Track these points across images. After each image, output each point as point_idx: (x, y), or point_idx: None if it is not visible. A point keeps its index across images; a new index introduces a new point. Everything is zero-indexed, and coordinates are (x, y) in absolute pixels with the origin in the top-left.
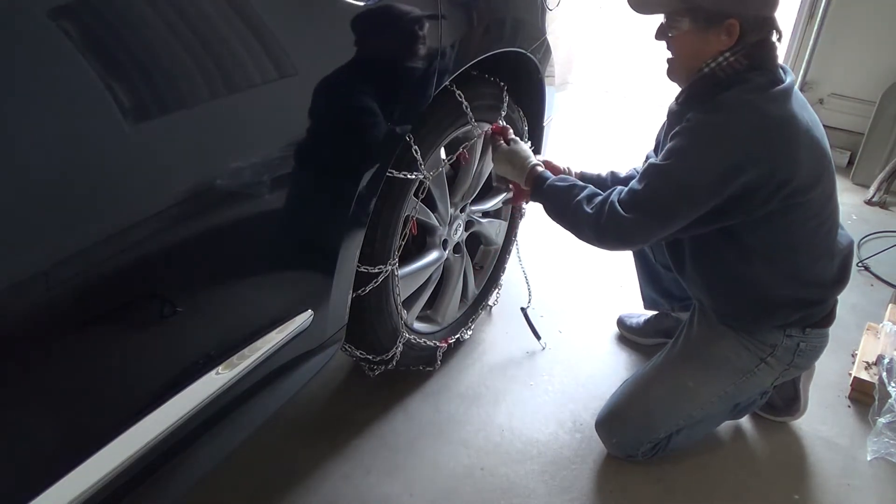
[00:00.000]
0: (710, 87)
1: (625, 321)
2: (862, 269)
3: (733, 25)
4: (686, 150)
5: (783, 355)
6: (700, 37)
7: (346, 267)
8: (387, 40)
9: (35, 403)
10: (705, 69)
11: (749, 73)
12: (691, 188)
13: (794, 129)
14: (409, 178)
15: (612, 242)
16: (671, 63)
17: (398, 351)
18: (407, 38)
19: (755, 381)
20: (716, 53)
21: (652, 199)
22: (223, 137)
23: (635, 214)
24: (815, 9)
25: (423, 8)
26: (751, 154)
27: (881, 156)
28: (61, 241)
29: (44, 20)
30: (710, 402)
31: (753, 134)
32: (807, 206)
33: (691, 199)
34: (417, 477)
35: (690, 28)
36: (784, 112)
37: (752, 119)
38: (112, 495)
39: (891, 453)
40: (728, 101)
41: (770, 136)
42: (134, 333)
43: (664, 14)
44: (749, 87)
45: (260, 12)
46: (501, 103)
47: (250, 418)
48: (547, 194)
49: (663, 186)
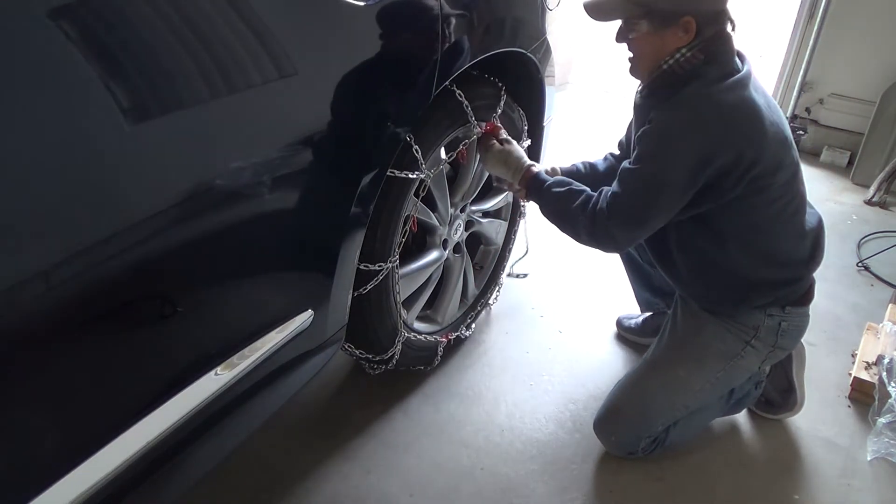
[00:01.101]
0: (670, 83)
1: (623, 322)
2: (862, 269)
3: (689, 23)
4: (654, 150)
5: (766, 336)
6: (658, 36)
7: (346, 266)
8: (387, 40)
9: (35, 403)
10: (664, 66)
11: (706, 67)
12: (665, 186)
13: (753, 113)
14: (409, 177)
15: (605, 246)
16: (633, 62)
17: (398, 350)
18: (407, 39)
19: (743, 364)
20: (673, 50)
21: (630, 203)
22: (224, 137)
23: (617, 219)
24: (815, 9)
25: (423, 8)
26: (715, 143)
27: (881, 156)
28: (61, 240)
29: (44, 20)
30: (703, 390)
31: (715, 124)
32: (773, 189)
33: (667, 196)
34: (417, 477)
35: (648, 30)
36: (741, 99)
37: (711, 110)
38: (112, 495)
39: (891, 453)
40: (686, 97)
41: (731, 123)
42: (134, 333)
43: (622, 19)
44: (706, 80)
45: (261, 13)
46: (500, 103)
47: (250, 418)
48: (545, 198)
49: (639, 189)
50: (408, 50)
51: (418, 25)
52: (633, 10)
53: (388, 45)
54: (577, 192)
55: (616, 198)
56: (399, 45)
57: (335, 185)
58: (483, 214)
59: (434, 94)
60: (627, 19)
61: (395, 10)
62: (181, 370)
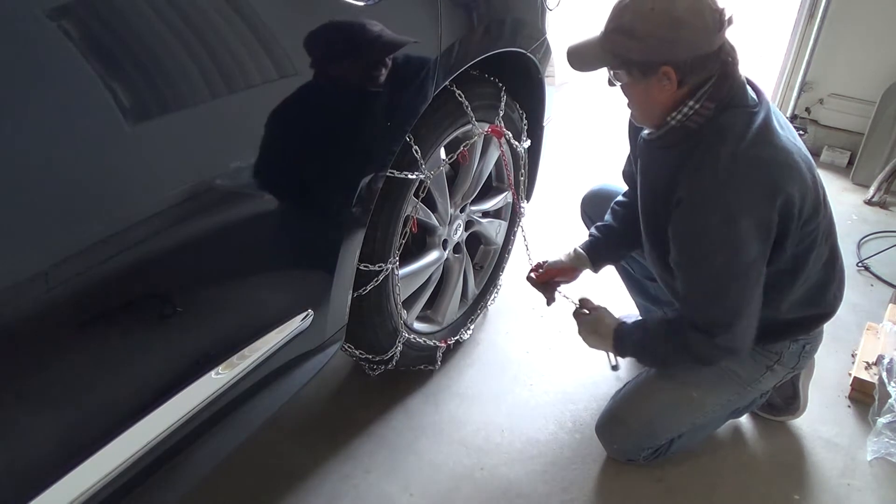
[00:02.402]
0: (686, 139)
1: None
2: (862, 269)
3: (669, 72)
4: (716, 237)
5: (789, 360)
6: (641, 86)
7: (346, 267)
8: (387, 40)
9: (35, 403)
10: (672, 122)
11: (722, 117)
12: (748, 267)
13: (791, 160)
14: (409, 177)
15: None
16: (630, 108)
17: (398, 351)
18: (406, 38)
19: (760, 387)
20: (673, 101)
21: (723, 305)
22: (224, 137)
23: (720, 332)
24: (815, 9)
25: (423, 8)
26: (772, 205)
27: (881, 156)
28: (61, 240)
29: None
30: (713, 411)
31: (764, 187)
32: (818, 231)
33: (755, 273)
34: (417, 477)
35: (629, 80)
36: (776, 150)
37: (757, 174)
38: (112, 495)
39: (891, 453)
40: (723, 164)
41: (777, 181)
42: (134, 333)
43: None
44: (732, 136)
45: (261, 13)
46: (500, 103)
47: (250, 418)
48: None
49: (722, 286)
50: (407, 50)
51: (417, 25)
52: (609, 61)
53: (388, 44)
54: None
55: (701, 312)
56: (398, 44)
57: (335, 185)
58: (483, 214)
59: (434, 94)
60: (609, 69)
61: (394, 9)
62: (181, 370)
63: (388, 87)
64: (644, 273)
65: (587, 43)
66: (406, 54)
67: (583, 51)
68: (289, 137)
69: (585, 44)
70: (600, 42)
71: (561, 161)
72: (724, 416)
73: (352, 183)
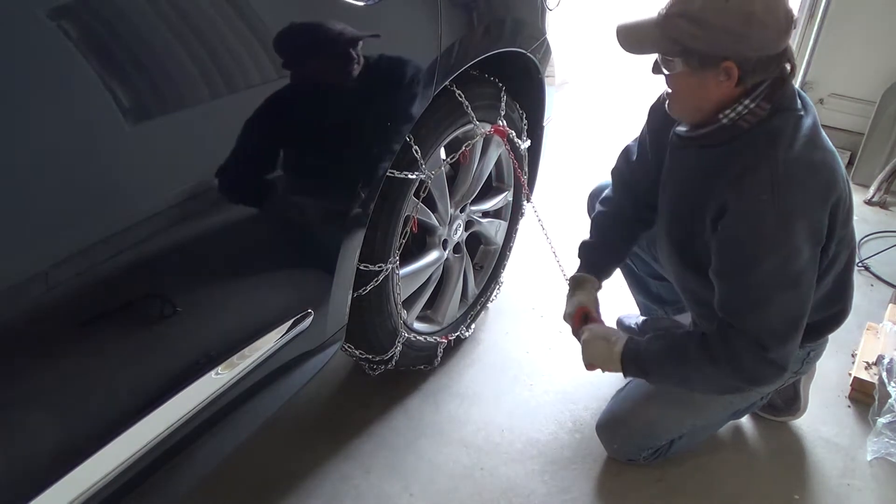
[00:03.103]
0: (733, 139)
1: (624, 322)
2: (862, 269)
3: (731, 68)
4: (772, 239)
5: (792, 365)
6: (696, 79)
7: (346, 267)
8: (387, 40)
9: (35, 403)
10: (724, 120)
11: (774, 119)
12: (803, 270)
13: (836, 163)
14: (409, 178)
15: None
16: (670, 98)
17: (398, 351)
18: (407, 38)
19: (762, 389)
20: (726, 98)
21: (778, 312)
22: (224, 137)
23: (774, 341)
24: (815, 9)
25: (423, 8)
26: (824, 208)
27: (881, 156)
28: (61, 240)
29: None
30: (715, 413)
31: (818, 190)
32: (852, 233)
33: (808, 279)
34: (417, 477)
35: (684, 69)
36: (825, 153)
37: (810, 177)
38: (112, 495)
39: (891, 453)
40: (779, 170)
41: (829, 183)
42: (134, 333)
43: (657, 54)
44: (783, 141)
45: (261, 13)
46: (501, 103)
47: (250, 418)
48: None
49: (776, 291)
50: (407, 50)
51: (417, 25)
52: (667, 47)
53: (388, 44)
54: (680, 340)
55: (753, 324)
56: (399, 44)
57: (335, 185)
58: (483, 214)
59: (434, 94)
60: (662, 55)
61: (394, 9)
62: (181, 370)
63: (389, 87)
64: (648, 271)
65: (643, 23)
66: (406, 54)
67: (637, 31)
68: (288, 137)
69: (641, 24)
70: (660, 25)
71: (561, 161)
72: (724, 418)
73: (352, 183)
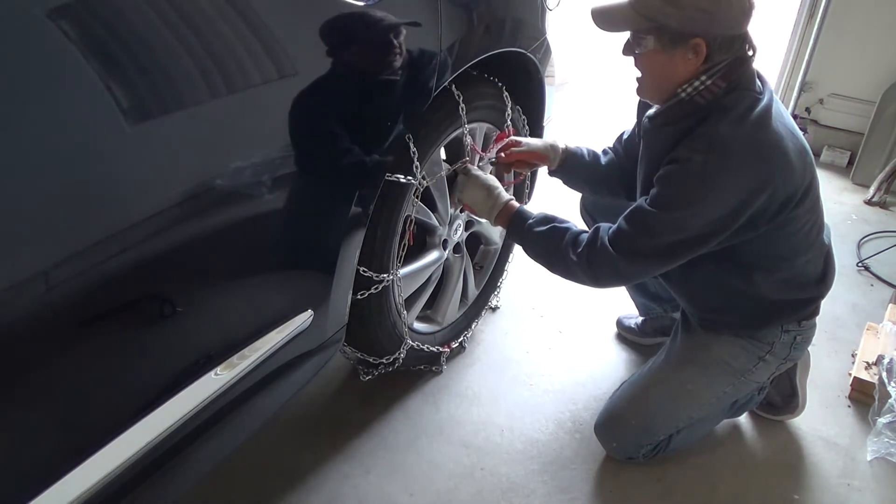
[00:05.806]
0: (691, 115)
1: (623, 322)
2: (862, 269)
3: (699, 45)
4: (688, 195)
5: (780, 351)
6: (666, 56)
7: (345, 267)
8: (386, 40)
9: (35, 403)
10: (682, 94)
11: (729, 97)
12: (701, 233)
13: (785, 148)
14: (409, 182)
15: (608, 283)
16: (640, 81)
17: (401, 357)
18: (407, 39)
19: (753, 378)
20: (688, 76)
21: (653, 244)
22: (224, 137)
23: (634, 258)
24: (815, 9)
25: (422, 8)
26: (754, 187)
27: (881, 156)
28: (62, 240)
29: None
30: (708, 404)
31: (753, 168)
32: (801, 215)
33: (700, 241)
34: (417, 477)
35: (656, 47)
36: (773, 135)
37: (749, 152)
38: (112, 495)
39: (891, 453)
40: (720, 137)
41: (768, 164)
42: (133, 333)
43: (630, 32)
44: (735, 115)
45: (260, 13)
46: (500, 103)
47: (250, 419)
48: (527, 238)
49: (668, 233)
50: (407, 50)
51: (417, 25)
52: (640, 23)
53: (388, 45)
54: (561, 229)
55: (634, 238)
56: (398, 45)
57: (334, 186)
58: None
59: (434, 95)
60: (634, 33)
61: (394, 10)
62: (181, 370)
63: (388, 87)
64: None
65: (617, 2)
66: (406, 54)
67: (611, 10)
68: (288, 137)
69: (615, 3)
70: (634, 3)
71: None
72: (721, 411)
73: (351, 183)
